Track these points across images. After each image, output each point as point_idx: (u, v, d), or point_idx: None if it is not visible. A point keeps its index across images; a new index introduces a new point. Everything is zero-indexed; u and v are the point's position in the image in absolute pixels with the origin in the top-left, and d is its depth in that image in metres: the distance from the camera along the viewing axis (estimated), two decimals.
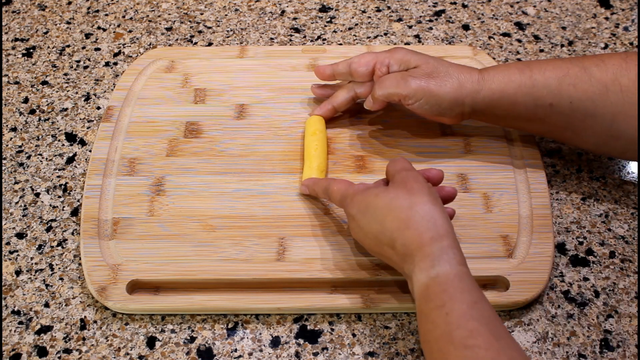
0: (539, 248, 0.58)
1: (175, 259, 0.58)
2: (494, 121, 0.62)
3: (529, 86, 0.57)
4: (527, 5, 0.83)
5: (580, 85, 0.56)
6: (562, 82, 0.56)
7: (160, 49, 0.76)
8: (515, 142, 0.66)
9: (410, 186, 0.51)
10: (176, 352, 0.54)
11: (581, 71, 0.56)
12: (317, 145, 0.63)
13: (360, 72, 0.62)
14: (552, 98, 0.57)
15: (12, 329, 0.56)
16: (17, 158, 0.68)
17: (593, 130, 0.57)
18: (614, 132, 0.56)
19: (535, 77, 0.57)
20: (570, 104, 0.56)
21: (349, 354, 0.54)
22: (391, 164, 0.55)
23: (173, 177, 0.63)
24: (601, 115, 0.55)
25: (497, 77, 0.58)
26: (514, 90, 0.58)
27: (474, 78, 0.59)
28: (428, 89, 0.58)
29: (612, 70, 0.55)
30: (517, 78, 0.58)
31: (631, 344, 0.55)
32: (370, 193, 0.52)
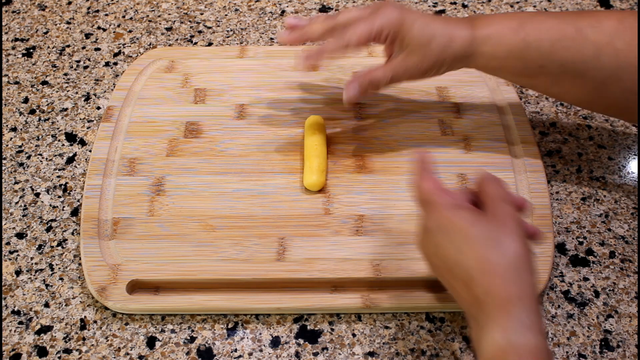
0: (539, 248, 0.58)
1: (175, 259, 0.58)
2: (482, 71, 0.60)
3: (521, 49, 0.56)
4: (527, 5, 0.83)
5: (573, 47, 0.55)
6: (554, 45, 0.55)
7: (160, 49, 0.76)
8: (515, 142, 0.66)
9: (508, 226, 0.45)
10: (176, 352, 0.54)
11: (576, 33, 0.55)
12: (317, 145, 0.63)
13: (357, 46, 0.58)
14: (543, 60, 0.56)
15: (12, 329, 0.56)
16: (17, 158, 0.68)
17: (582, 89, 0.56)
18: (602, 92, 0.56)
19: (528, 39, 0.56)
20: (561, 66, 0.56)
21: (349, 354, 0.54)
22: (489, 184, 0.48)
23: (173, 177, 0.63)
24: (592, 77, 0.55)
25: (490, 37, 0.56)
26: (504, 55, 0.56)
27: (465, 37, 0.56)
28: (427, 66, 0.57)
29: (608, 32, 0.54)
30: (509, 40, 0.56)
31: (631, 344, 0.55)
32: (460, 216, 0.46)
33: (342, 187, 0.63)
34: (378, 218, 0.60)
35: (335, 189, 0.62)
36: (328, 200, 0.61)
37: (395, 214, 0.60)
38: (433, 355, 0.54)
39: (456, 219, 0.46)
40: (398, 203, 0.61)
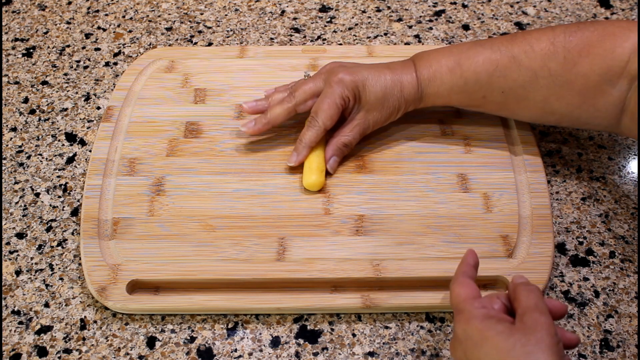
0: (539, 248, 0.58)
1: (175, 259, 0.58)
2: (431, 106, 0.64)
3: (461, 85, 0.60)
4: (527, 5, 0.83)
5: (510, 75, 0.59)
6: (492, 76, 0.59)
7: (160, 49, 0.76)
8: (515, 142, 0.66)
9: (540, 340, 0.43)
10: (176, 352, 0.54)
11: (510, 62, 0.59)
12: (316, 146, 0.63)
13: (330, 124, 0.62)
14: (484, 92, 0.60)
15: (12, 329, 0.56)
16: (17, 158, 0.68)
17: (528, 109, 0.60)
18: (547, 109, 0.59)
19: (466, 76, 0.60)
20: (502, 93, 0.60)
21: (349, 354, 0.54)
22: (521, 292, 0.47)
23: (173, 177, 0.63)
24: (533, 98, 0.59)
25: (432, 79, 0.61)
26: (448, 92, 0.61)
27: (412, 81, 0.61)
28: (378, 101, 0.62)
29: (540, 57, 0.58)
30: (449, 79, 0.60)
31: (631, 344, 0.55)
32: (491, 327, 0.45)
33: (342, 187, 0.63)
34: (378, 218, 0.60)
35: (335, 189, 0.62)
36: (328, 200, 0.61)
37: (395, 214, 0.60)
38: (433, 355, 0.54)
39: (487, 331, 0.45)
40: (398, 203, 0.61)
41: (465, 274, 0.50)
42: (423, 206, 0.61)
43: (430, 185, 0.62)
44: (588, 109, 0.58)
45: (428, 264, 0.57)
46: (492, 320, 0.45)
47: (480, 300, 0.47)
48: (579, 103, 0.58)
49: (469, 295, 0.48)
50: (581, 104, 0.58)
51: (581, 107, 0.58)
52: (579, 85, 0.57)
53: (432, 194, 0.62)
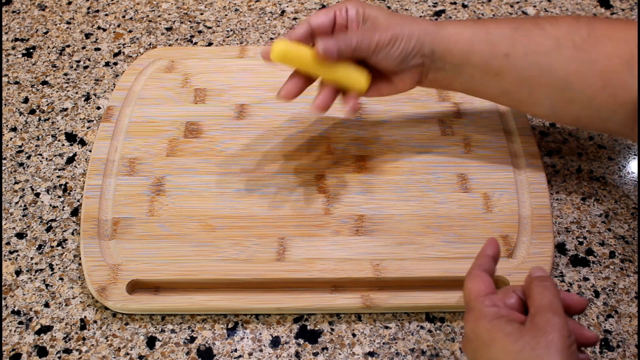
0: (539, 248, 0.58)
1: (175, 259, 0.58)
2: (451, 78, 0.58)
3: (484, 33, 0.57)
4: (527, 5, 0.83)
5: (533, 37, 0.56)
6: (515, 32, 0.56)
7: (160, 49, 0.76)
8: (515, 142, 0.66)
9: (550, 342, 0.42)
10: (176, 352, 0.54)
11: (533, 25, 0.56)
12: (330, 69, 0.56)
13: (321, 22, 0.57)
14: (506, 47, 0.56)
15: (12, 329, 0.56)
16: (17, 158, 0.68)
17: (548, 89, 0.56)
18: (568, 94, 0.56)
19: (489, 28, 0.57)
20: (525, 55, 0.56)
21: (349, 354, 0.54)
22: (535, 289, 0.46)
23: (173, 177, 0.63)
24: (555, 71, 0.55)
25: (452, 24, 0.57)
26: (469, 35, 0.56)
27: (430, 23, 0.57)
28: (394, 25, 0.56)
29: (564, 28, 0.55)
30: (471, 26, 0.57)
31: (631, 344, 0.55)
32: (500, 328, 0.44)
33: (342, 187, 0.63)
34: (378, 218, 0.60)
35: (335, 189, 0.62)
36: (328, 200, 0.61)
37: (395, 214, 0.60)
38: (433, 355, 0.54)
39: (495, 332, 0.43)
40: (398, 203, 0.61)
41: (480, 266, 0.48)
42: (423, 206, 0.61)
43: (430, 185, 0.62)
44: (608, 99, 0.55)
45: (428, 264, 0.57)
46: (501, 321, 0.44)
47: (491, 298, 0.46)
48: (601, 87, 0.54)
49: (481, 291, 0.46)
50: (602, 90, 0.54)
51: (602, 95, 0.54)
52: (601, 66, 0.54)
53: (432, 194, 0.62)
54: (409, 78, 0.58)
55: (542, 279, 0.46)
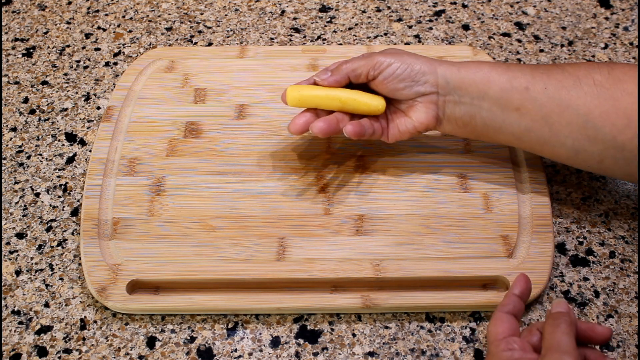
0: (539, 248, 0.58)
1: (175, 259, 0.58)
2: (471, 114, 0.58)
3: (503, 68, 0.57)
4: (527, 5, 0.83)
5: (553, 74, 0.56)
6: (534, 70, 0.56)
7: (160, 49, 0.76)
8: None
9: None
10: (176, 352, 0.54)
11: (553, 66, 0.57)
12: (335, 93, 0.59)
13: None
14: (525, 81, 0.56)
15: (12, 329, 0.56)
16: (17, 158, 0.68)
17: (570, 127, 0.55)
18: (590, 131, 0.54)
19: (508, 65, 0.57)
20: (545, 90, 0.55)
21: (349, 354, 0.54)
22: (549, 327, 0.46)
23: (173, 177, 0.63)
24: (577, 107, 0.54)
25: (468, 65, 0.58)
26: (487, 68, 0.57)
27: (447, 61, 0.58)
28: (399, 52, 0.58)
29: (584, 67, 0.55)
30: (489, 63, 0.58)
31: (631, 344, 0.55)
32: None
33: (342, 187, 0.63)
34: (378, 218, 0.60)
35: (335, 189, 0.62)
36: (328, 200, 0.61)
37: (395, 214, 0.60)
38: (433, 355, 0.54)
39: None
40: (398, 203, 0.61)
41: (503, 307, 0.49)
42: (423, 206, 0.61)
43: (430, 185, 0.62)
44: (633, 138, 0.53)
45: (428, 264, 0.57)
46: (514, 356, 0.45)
47: (508, 341, 0.46)
48: (624, 125, 0.53)
49: (498, 334, 0.47)
50: (626, 128, 0.53)
51: (626, 133, 0.53)
52: (625, 104, 0.53)
53: (432, 194, 0.62)
54: (424, 110, 0.58)
55: (555, 317, 0.46)
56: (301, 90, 0.58)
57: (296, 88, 0.58)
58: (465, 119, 0.58)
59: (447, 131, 0.60)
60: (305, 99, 0.58)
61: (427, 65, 0.58)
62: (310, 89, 0.58)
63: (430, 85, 0.57)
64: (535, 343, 0.47)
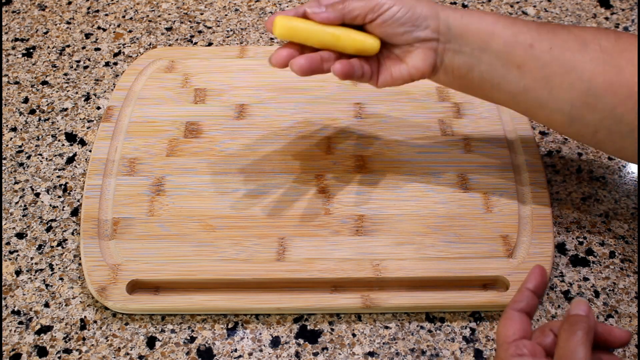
0: (539, 248, 0.58)
1: (175, 259, 0.58)
2: (470, 65, 0.55)
3: (509, 21, 0.54)
4: (527, 5, 0.83)
5: (559, 34, 0.53)
6: (541, 27, 0.54)
7: (160, 49, 0.76)
8: (515, 142, 0.66)
9: None
10: (176, 352, 0.54)
11: (559, 26, 0.54)
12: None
13: None
14: (531, 38, 0.53)
15: (12, 329, 0.56)
16: (17, 158, 0.68)
17: (570, 91, 0.52)
18: (590, 98, 0.52)
19: (514, 19, 0.55)
20: (550, 49, 0.53)
21: (349, 354, 0.54)
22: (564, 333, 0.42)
23: (173, 177, 0.63)
24: (580, 70, 0.52)
25: (471, 12, 0.55)
26: (492, 18, 0.54)
27: (450, 6, 0.55)
28: None
29: (591, 32, 0.53)
30: (495, 14, 0.55)
31: (631, 344, 0.55)
32: None
33: (342, 187, 0.63)
34: (378, 218, 0.60)
35: (335, 189, 0.62)
36: (328, 200, 0.61)
37: (395, 214, 0.60)
38: (433, 355, 0.54)
39: None
40: (398, 203, 0.61)
41: (515, 305, 0.45)
42: (423, 206, 0.61)
43: (430, 185, 0.62)
44: (632, 110, 0.51)
45: (428, 264, 0.57)
46: None
47: (517, 345, 0.43)
48: (626, 95, 0.51)
49: (508, 336, 0.44)
50: (627, 99, 0.51)
51: (626, 104, 0.51)
52: (628, 74, 0.51)
53: (432, 194, 0.62)
54: (421, 56, 0.54)
55: (573, 322, 0.42)
56: (292, 20, 0.53)
57: (287, 17, 0.53)
58: (463, 71, 0.55)
59: (441, 81, 0.57)
60: (295, 30, 0.53)
61: (429, 8, 0.54)
62: (302, 20, 0.53)
63: (431, 31, 0.54)
64: (549, 345, 0.43)
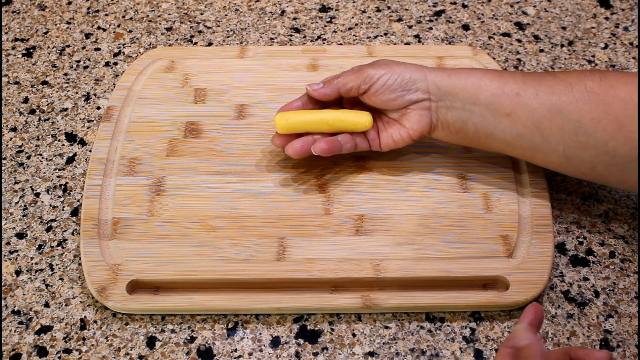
0: (539, 248, 0.58)
1: (175, 259, 0.58)
2: (463, 119, 0.58)
3: (496, 75, 0.57)
4: (527, 5, 0.83)
5: (544, 80, 0.56)
6: (526, 76, 0.57)
7: (160, 49, 0.76)
8: None
9: None
10: (176, 352, 0.54)
11: (545, 73, 0.57)
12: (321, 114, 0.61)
13: None
14: (518, 87, 0.56)
15: (12, 329, 0.56)
16: (17, 158, 0.68)
17: (561, 133, 0.55)
18: (581, 136, 0.54)
19: (501, 73, 0.58)
20: (536, 95, 0.55)
21: (349, 354, 0.54)
22: None
23: (173, 177, 0.63)
24: (568, 112, 0.54)
25: (460, 72, 0.58)
26: (479, 75, 0.57)
27: (437, 68, 0.60)
28: (389, 63, 0.59)
29: (576, 74, 0.56)
30: (482, 71, 0.58)
31: (631, 344, 0.55)
32: None
33: (342, 187, 0.63)
34: (378, 218, 0.60)
35: (335, 189, 0.62)
36: (328, 200, 0.61)
37: (395, 214, 0.60)
38: (433, 355, 0.54)
39: None
40: (398, 203, 0.61)
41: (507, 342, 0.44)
42: (423, 206, 0.61)
43: (430, 185, 0.62)
44: (625, 143, 0.53)
45: (428, 264, 0.57)
46: None
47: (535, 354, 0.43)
48: (616, 130, 0.53)
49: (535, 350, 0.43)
50: (617, 133, 0.53)
51: (617, 138, 0.53)
52: (616, 109, 0.53)
53: (432, 194, 0.62)
54: (417, 117, 0.59)
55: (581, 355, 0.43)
56: (289, 118, 0.59)
57: (284, 116, 0.60)
58: (458, 125, 0.58)
59: (440, 138, 0.61)
60: (292, 125, 0.59)
61: (417, 73, 0.58)
62: (297, 114, 0.60)
63: (422, 92, 0.58)
64: None
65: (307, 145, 0.59)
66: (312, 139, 0.60)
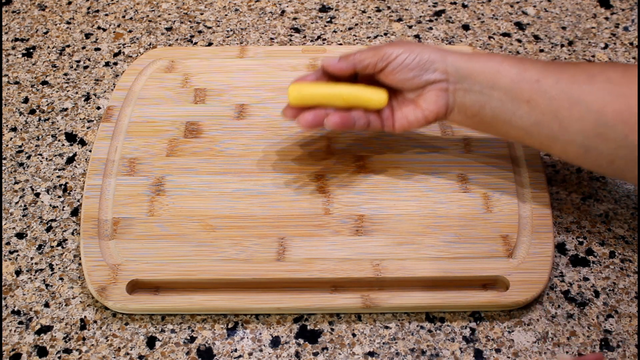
0: (539, 248, 0.58)
1: (175, 259, 0.58)
2: (481, 103, 0.56)
3: (516, 61, 0.56)
4: (527, 5, 0.83)
5: (566, 69, 0.54)
6: (548, 64, 0.55)
7: (160, 49, 0.76)
8: (515, 142, 0.66)
9: None
10: (176, 352, 0.54)
11: (567, 62, 0.55)
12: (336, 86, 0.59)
13: None
14: (537, 73, 0.54)
15: (12, 329, 0.56)
16: (17, 158, 0.68)
17: (581, 122, 0.53)
18: (601, 128, 0.52)
19: (521, 59, 0.56)
20: (557, 83, 0.54)
21: (349, 354, 0.54)
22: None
23: (173, 177, 0.63)
24: (588, 102, 0.53)
25: (478, 54, 0.57)
26: (499, 59, 0.56)
27: (456, 52, 0.58)
28: (408, 43, 0.57)
29: (599, 65, 0.54)
30: (502, 56, 0.57)
31: (631, 344, 0.55)
32: None
33: (342, 187, 0.63)
34: (378, 218, 0.60)
35: (335, 189, 0.62)
36: (328, 200, 0.61)
37: (395, 214, 0.60)
38: (433, 355, 0.54)
39: None
40: (398, 203, 0.61)
41: None
42: (423, 206, 0.61)
43: (430, 185, 0.62)
44: None
45: (428, 264, 0.57)
46: None
47: None
48: (637, 124, 0.51)
49: None
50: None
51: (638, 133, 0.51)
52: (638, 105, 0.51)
53: (432, 194, 0.62)
54: (433, 98, 0.57)
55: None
56: (302, 89, 0.58)
57: (297, 87, 0.58)
58: (475, 109, 0.57)
59: (456, 121, 0.59)
60: (305, 96, 0.58)
61: (436, 53, 0.57)
62: (312, 86, 0.58)
63: (440, 72, 0.56)
64: None
65: (318, 118, 0.57)
66: (324, 112, 0.57)
